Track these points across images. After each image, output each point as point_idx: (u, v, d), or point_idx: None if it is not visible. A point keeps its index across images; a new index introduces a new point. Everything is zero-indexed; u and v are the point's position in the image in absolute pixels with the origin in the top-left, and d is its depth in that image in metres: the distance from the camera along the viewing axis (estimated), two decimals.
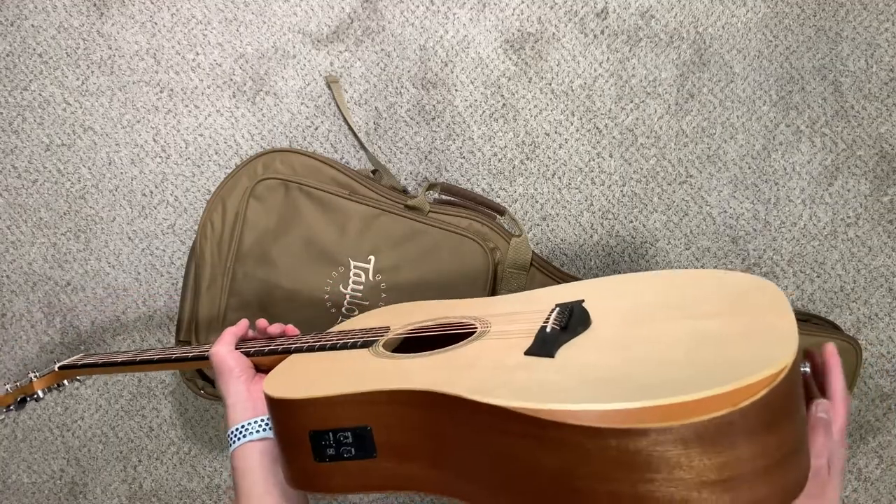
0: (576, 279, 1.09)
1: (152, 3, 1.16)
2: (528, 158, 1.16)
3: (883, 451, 1.16)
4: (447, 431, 0.56)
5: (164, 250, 1.17)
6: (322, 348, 0.73)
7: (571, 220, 1.16)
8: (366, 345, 0.72)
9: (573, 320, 0.67)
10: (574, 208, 1.16)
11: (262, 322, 0.81)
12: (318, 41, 1.16)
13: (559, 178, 1.16)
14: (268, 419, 0.70)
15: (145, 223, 1.16)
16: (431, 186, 1.08)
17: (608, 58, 1.15)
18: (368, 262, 1.00)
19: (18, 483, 1.18)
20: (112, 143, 1.16)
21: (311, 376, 0.67)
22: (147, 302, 1.17)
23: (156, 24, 1.16)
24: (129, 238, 1.17)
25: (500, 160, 1.16)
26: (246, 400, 0.72)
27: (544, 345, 0.62)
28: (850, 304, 1.15)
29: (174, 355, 0.81)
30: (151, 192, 1.16)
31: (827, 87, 1.15)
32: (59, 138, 1.16)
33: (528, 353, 0.62)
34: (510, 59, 1.15)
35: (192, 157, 1.16)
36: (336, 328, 0.82)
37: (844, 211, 1.15)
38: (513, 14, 1.15)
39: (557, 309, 0.71)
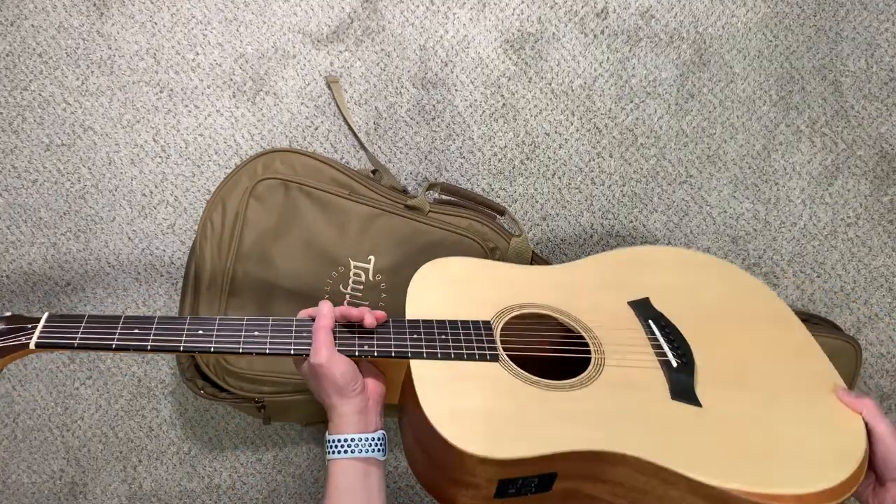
0: None
1: (152, 3, 1.16)
2: (528, 158, 1.16)
3: None
4: (632, 481, 0.66)
5: (164, 250, 1.17)
6: (445, 356, 0.70)
7: (571, 220, 1.16)
8: (493, 358, 0.71)
9: (686, 351, 0.74)
10: (574, 208, 1.16)
11: (354, 313, 0.70)
12: (318, 41, 1.16)
13: (559, 178, 1.16)
14: (378, 438, 0.68)
15: (145, 223, 1.16)
16: (431, 186, 1.08)
17: (608, 58, 1.15)
18: (368, 262, 1.00)
19: (18, 483, 1.18)
20: (112, 143, 1.16)
21: (487, 425, 0.66)
22: (147, 302, 1.17)
23: (156, 24, 1.16)
24: (129, 238, 1.17)
25: (500, 160, 1.16)
26: (360, 412, 0.67)
27: (685, 390, 0.71)
28: (850, 304, 1.15)
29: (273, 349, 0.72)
30: (151, 192, 1.16)
31: (827, 87, 1.15)
32: (59, 138, 1.16)
33: (675, 398, 0.70)
34: (510, 59, 1.15)
35: (192, 157, 1.16)
36: (416, 312, 0.76)
37: (844, 211, 1.15)
38: (513, 14, 1.15)
39: (661, 337, 0.76)
